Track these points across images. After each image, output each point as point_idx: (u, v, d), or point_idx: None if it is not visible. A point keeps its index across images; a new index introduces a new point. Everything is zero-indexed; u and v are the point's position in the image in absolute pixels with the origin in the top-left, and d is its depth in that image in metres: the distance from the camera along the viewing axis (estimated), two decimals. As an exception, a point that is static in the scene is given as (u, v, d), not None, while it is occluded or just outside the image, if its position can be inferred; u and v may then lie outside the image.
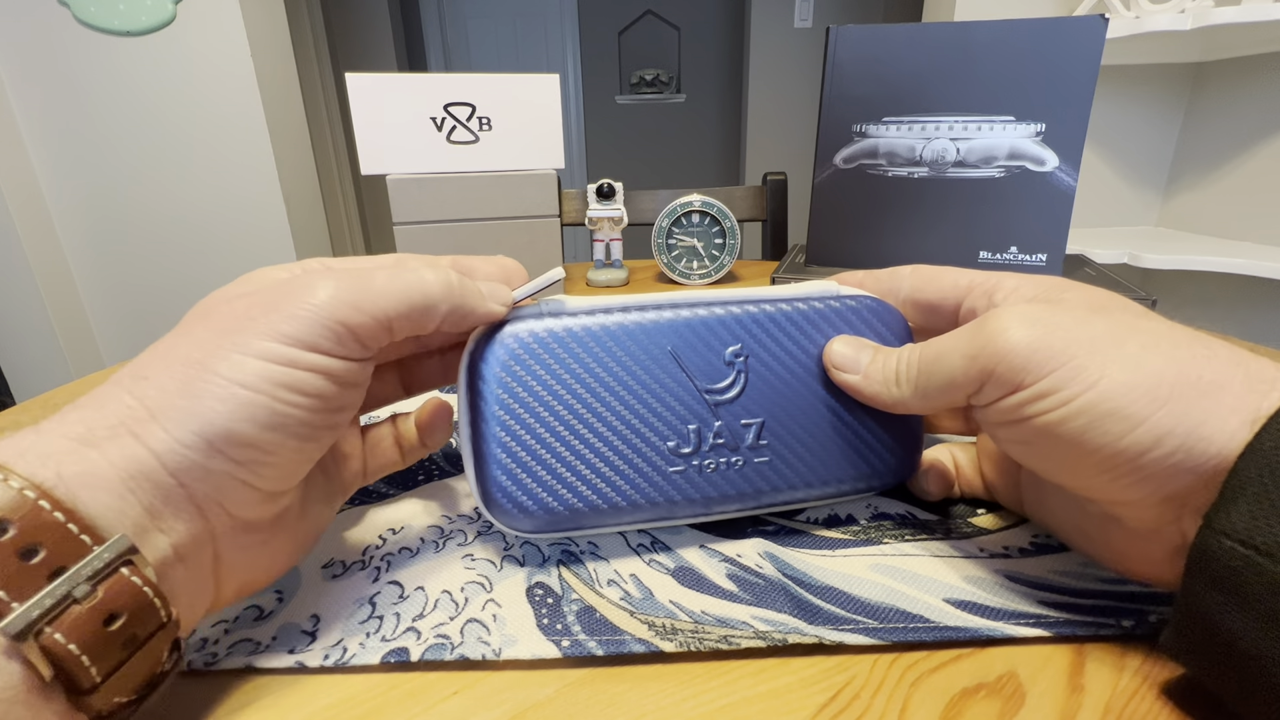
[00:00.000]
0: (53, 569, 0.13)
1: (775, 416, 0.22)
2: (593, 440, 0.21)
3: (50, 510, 0.13)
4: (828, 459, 0.23)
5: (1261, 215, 1.19)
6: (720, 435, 0.22)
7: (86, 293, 1.57)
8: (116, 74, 1.41)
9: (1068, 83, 0.51)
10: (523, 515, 0.20)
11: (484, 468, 0.20)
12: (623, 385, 0.21)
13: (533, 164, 0.57)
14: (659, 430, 0.21)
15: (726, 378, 0.22)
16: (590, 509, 0.21)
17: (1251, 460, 0.14)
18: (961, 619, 0.19)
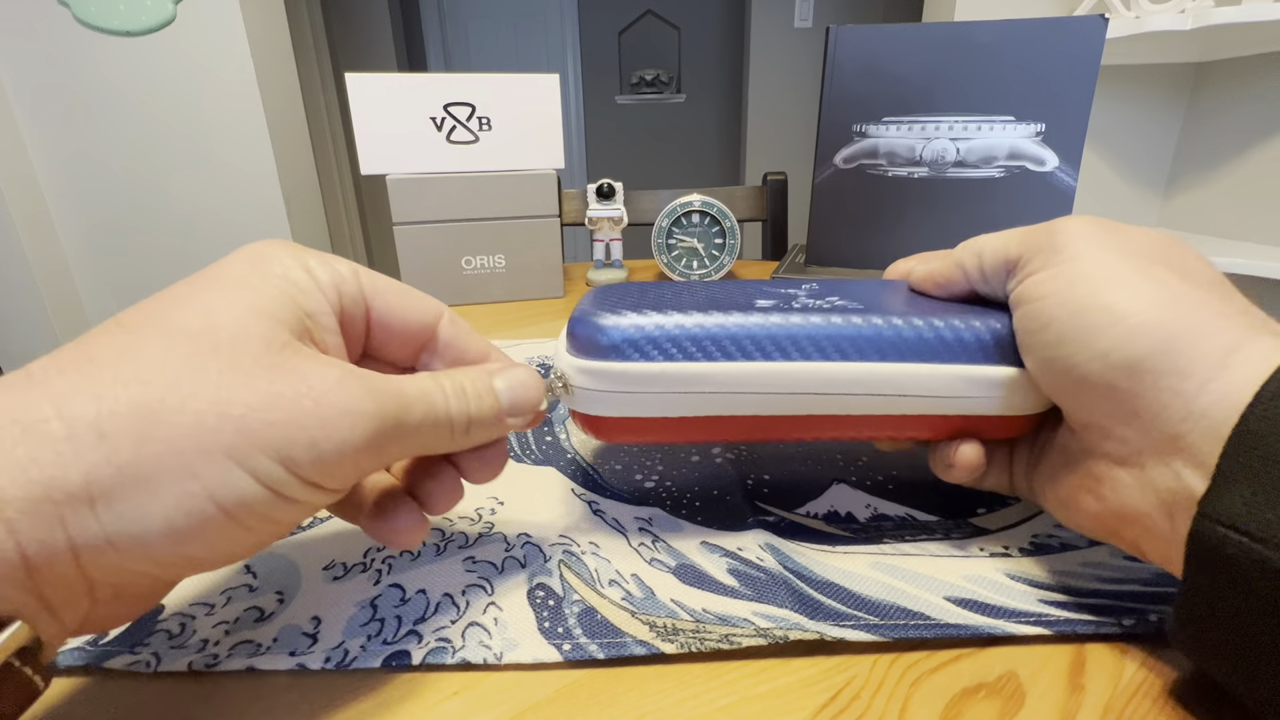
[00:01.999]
0: None
1: (860, 296, 0.23)
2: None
3: None
4: (921, 307, 0.22)
5: (1261, 215, 1.20)
6: (808, 294, 0.22)
7: (86, 293, 1.57)
8: (116, 74, 1.41)
9: (1068, 83, 0.51)
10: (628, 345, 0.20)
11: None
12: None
13: (533, 164, 0.57)
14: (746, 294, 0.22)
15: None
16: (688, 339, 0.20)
17: (1241, 444, 0.14)
18: (962, 617, 0.19)
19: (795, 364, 0.20)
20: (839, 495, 0.26)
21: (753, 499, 0.25)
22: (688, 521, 0.24)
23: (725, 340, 0.20)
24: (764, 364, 0.20)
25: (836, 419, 0.21)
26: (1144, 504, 0.17)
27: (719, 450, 0.29)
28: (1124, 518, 0.18)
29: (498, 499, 0.26)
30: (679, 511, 0.25)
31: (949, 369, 0.20)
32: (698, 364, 0.20)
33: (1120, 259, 0.17)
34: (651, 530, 0.24)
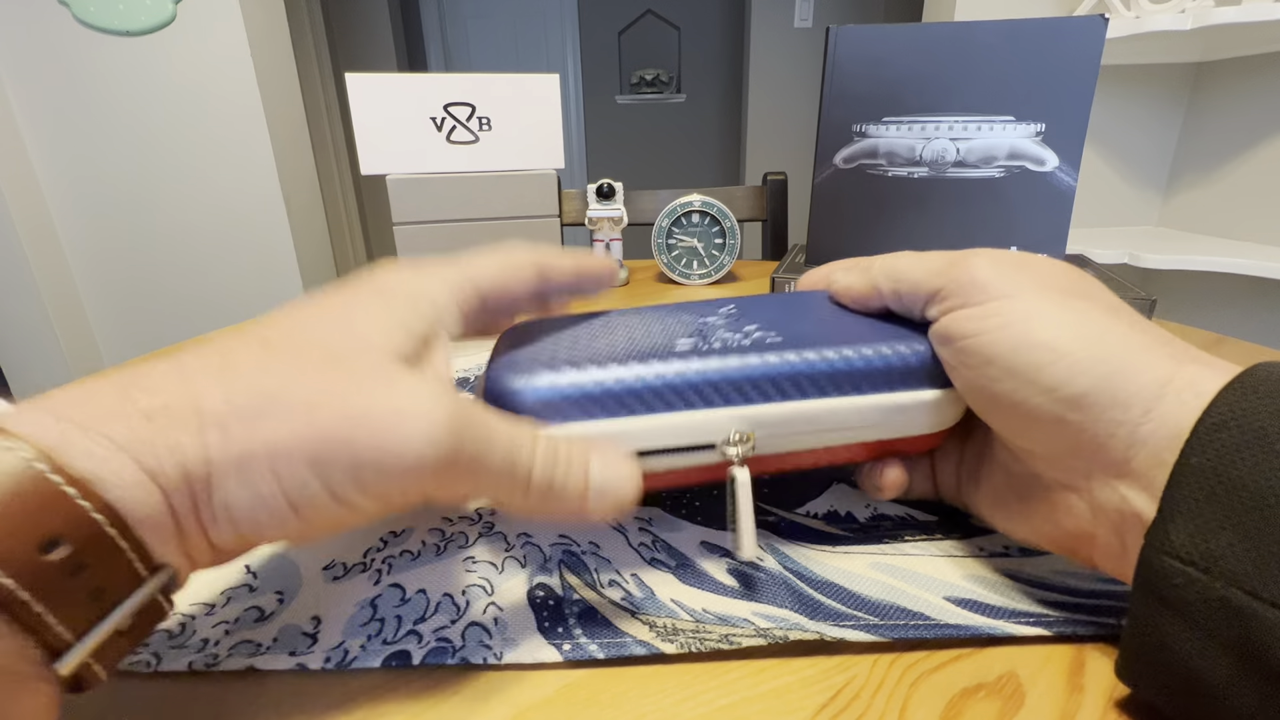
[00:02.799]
0: (94, 589, 0.13)
1: (777, 321, 0.23)
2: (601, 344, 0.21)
3: (108, 531, 0.13)
4: (841, 332, 0.21)
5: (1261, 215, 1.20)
6: (726, 327, 0.22)
7: (86, 293, 1.57)
8: (116, 74, 1.41)
9: (1068, 83, 0.51)
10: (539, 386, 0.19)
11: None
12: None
13: (533, 164, 0.57)
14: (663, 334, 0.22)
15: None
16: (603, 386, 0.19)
17: (1183, 478, 0.14)
18: (962, 617, 0.19)
19: (717, 410, 0.20)
20: (839, 495, 0.26)
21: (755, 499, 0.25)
22: (688, 521, 0.24)
23: (645, 392, 0.19)
24: (686, 413, 0.20)
25: (760, 458, 0.21)
26: (1095, 526, 0.18)
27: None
28: (1077, 537, 0.18)
29: (498, 499, 0.26)
30: (679, 511, 0.25)
31: (871, 399, 0.20)
32: (619, 420, 0.19)
33: (1041, 295, 0.18)
34: (651, 530, 0.24)
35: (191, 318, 1.60)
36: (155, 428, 0.14)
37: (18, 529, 0.12)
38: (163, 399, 0.14)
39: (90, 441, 0.13)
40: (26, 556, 0.12)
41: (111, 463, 0.13)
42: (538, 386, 0.19)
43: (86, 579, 0.12)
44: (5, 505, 0.12)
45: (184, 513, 0.14)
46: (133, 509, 0.13)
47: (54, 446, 0.13)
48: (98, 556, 0.13)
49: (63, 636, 0.12)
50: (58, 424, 0.13)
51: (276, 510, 0.14)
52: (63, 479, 0.12)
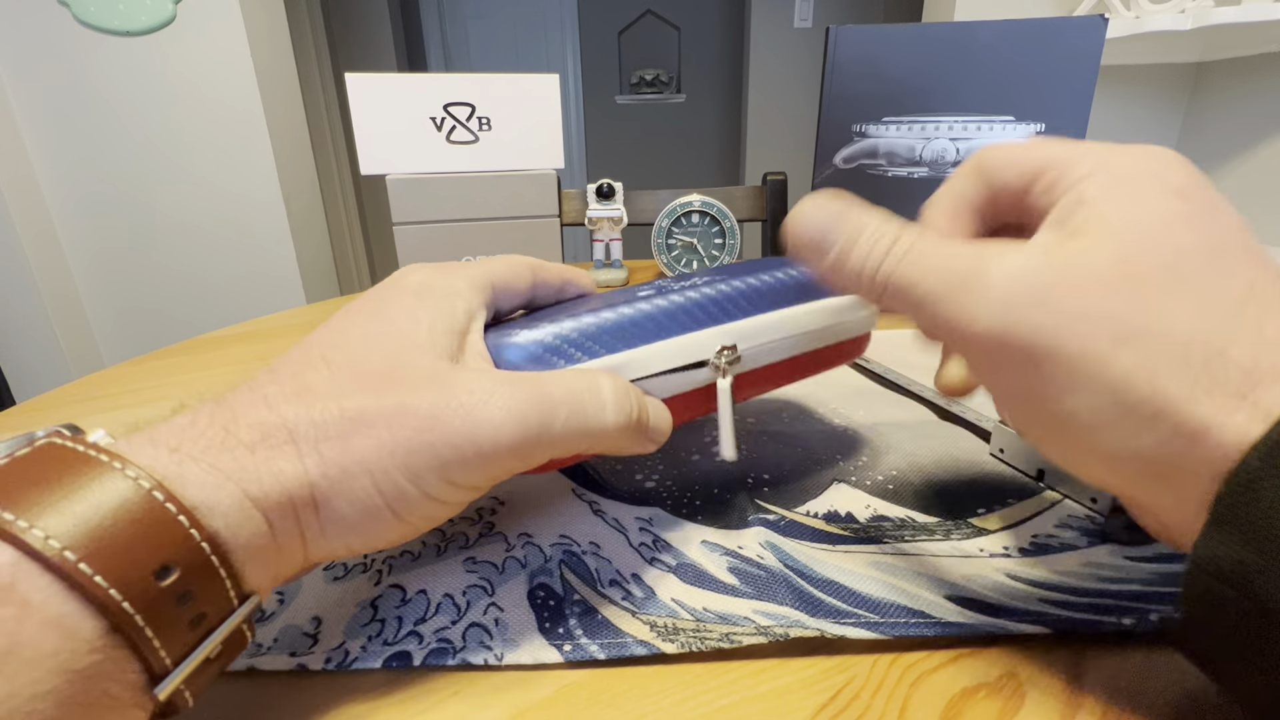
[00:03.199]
0: (196, 616, 0.13)
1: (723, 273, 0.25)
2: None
3: (212, 559, 0.13)
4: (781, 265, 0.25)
5: (1261, 215, 1.20)
6: (677, 280, 0.24)
7: (86, 293, 1.57)
8: (116, 74, 1.41)
9: (1068, 83, 0.51)
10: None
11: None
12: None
13: (533, 164, 0.57)
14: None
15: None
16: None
17: (1229, 488, 0.13)
18: (962, 615, 0.19)
19: (693, 333, 0.22)
20: (839, 495, 0.26)
21: (753, 498, 0.25)
22: (688, 521, 0.24)
23: (619, 329, 0.21)
24: (660, 342, 0.21)
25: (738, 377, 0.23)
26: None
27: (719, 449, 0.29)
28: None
29: (498, 499, 0.26)
30: (679, 511, 0.25)
31: (813, 304, 0.24)
32: (600, 359, 0.20)
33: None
34: (652, 530, 0.24)
35: (191, 318, 1.60)
36: (258, 458, 0.15)
37: (138, 555, 0.12)
38: (259, 431, 0.15)
39: (201, 471, 0.14)
40: (144, 582, 0.12)
41: (220, 492, 0.14)
42: (521, 342, 0.20)
43: (191, 606, 0.13)
44: (128, 531, 0.12)
45: (285, 533, 0.15)
46: (234, 535, 0.14)
47: (168, 476, 0.13)
48: (201, 583, 0.13)
49: (164, 661, 0.13)
50: (172, 455, 0.14)
51: (381, 517, 0.16)
52: (176, 508, 0.13)
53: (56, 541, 0.11)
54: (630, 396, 0.19)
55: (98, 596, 0.11)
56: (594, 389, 0.18)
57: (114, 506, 0.12)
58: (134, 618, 0.12)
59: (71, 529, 0.12)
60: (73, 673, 0.11)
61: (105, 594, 0.11)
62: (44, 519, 0.12)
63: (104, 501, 0.12)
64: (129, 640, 0.12)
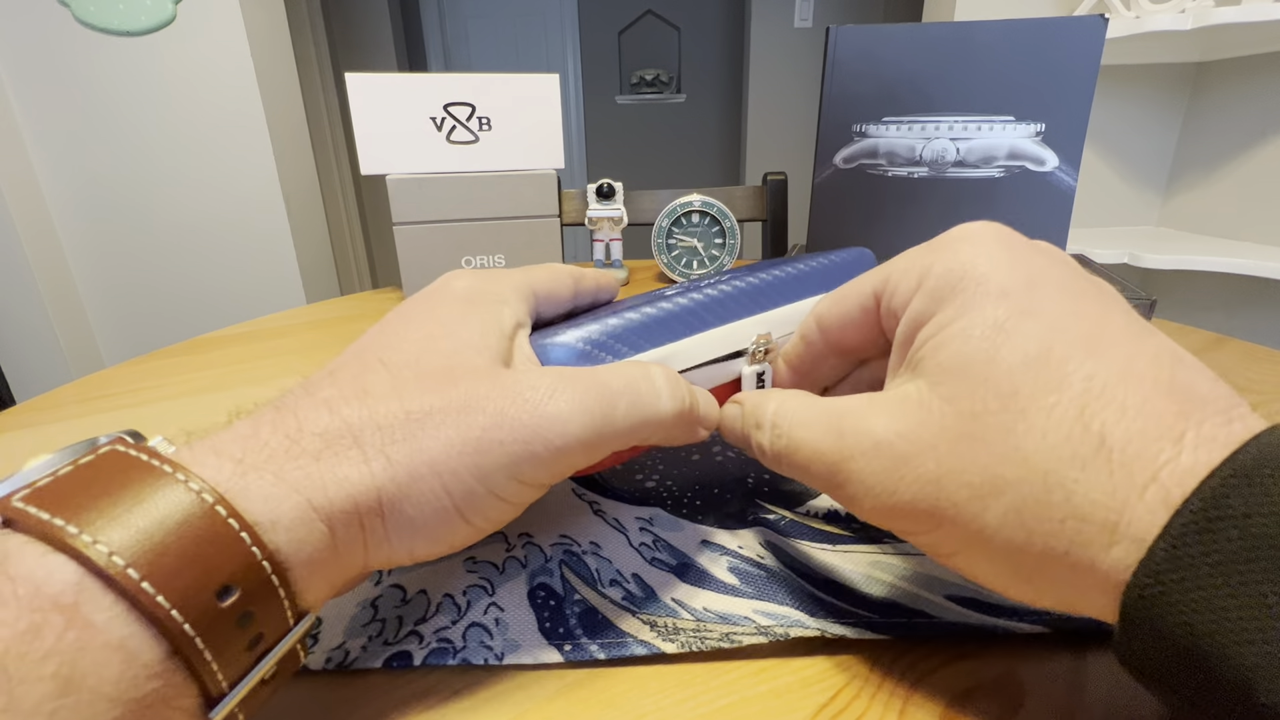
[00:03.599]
0: (254, 637, 0.13)
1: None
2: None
3: (272, 578, 0.13)
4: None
5: (1261, 215, 1.20)
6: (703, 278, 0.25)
7: (86, 293, 1.57)
8: (116, 74, 1.41)
9: (1068, 83, 0.51)
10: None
11: None
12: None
13: (533, 164, 0.57)
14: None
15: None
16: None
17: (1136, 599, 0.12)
18: (963, 615, 0.19)
19: (723, 326, 0.22)
20: (839, 495, 0.26)
21: (753, 497, 0.25)
22: (688, 521, 0.24)
23: (660, 324, 0.21)
24: (701, 334, 0.22)
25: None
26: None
27: (719, 449, 0.29)
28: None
29: (498, 499, 0.26)
30: (680, 511, 0.25)
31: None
32: (645, 353, 0.20)
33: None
34: (652, 530, 0.24)
35: (192, 318, 1.60)
36: (323, 466, 0.14)
37: (200, 574, 0.12)
38: (324, 438, 0.15)
39: (266, 484, 0.13)
40: (206, 603, 0.12)
41: (284, 504, 0.13)
42: (575, 340, 0.20)
43: (250, 627, 0.12)
44: (191, 549, 0.12)
45: (347, 541, 0.15)
46: (296, 551, 0.13)
47: (231, 489, 0.13)
48: (261, 603, 0.13)
49: (221, 685, 0.12)
50: (236, 467, 0.13)
51: (449, 520, 0.15)
52: (239, 524, 0.12)
53: (120, 558, 0.11)
54: (682, 385, 0.19)
55: (160, 618, 0.11)
56: (648, 378, 0.18)
57: (177, 522, 0.12)
58: (194, 640, 0.11)
59: (134, 544, 0.11)
60: (133, 701, 0.11)
61: (168, 615, 0.11)
62: (106, 532, 0.11)
63: (167, 516, 0.12)
64: (188, 663, 0.11)
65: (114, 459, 0.12)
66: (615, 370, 0.18)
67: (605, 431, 0.17)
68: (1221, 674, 0.11)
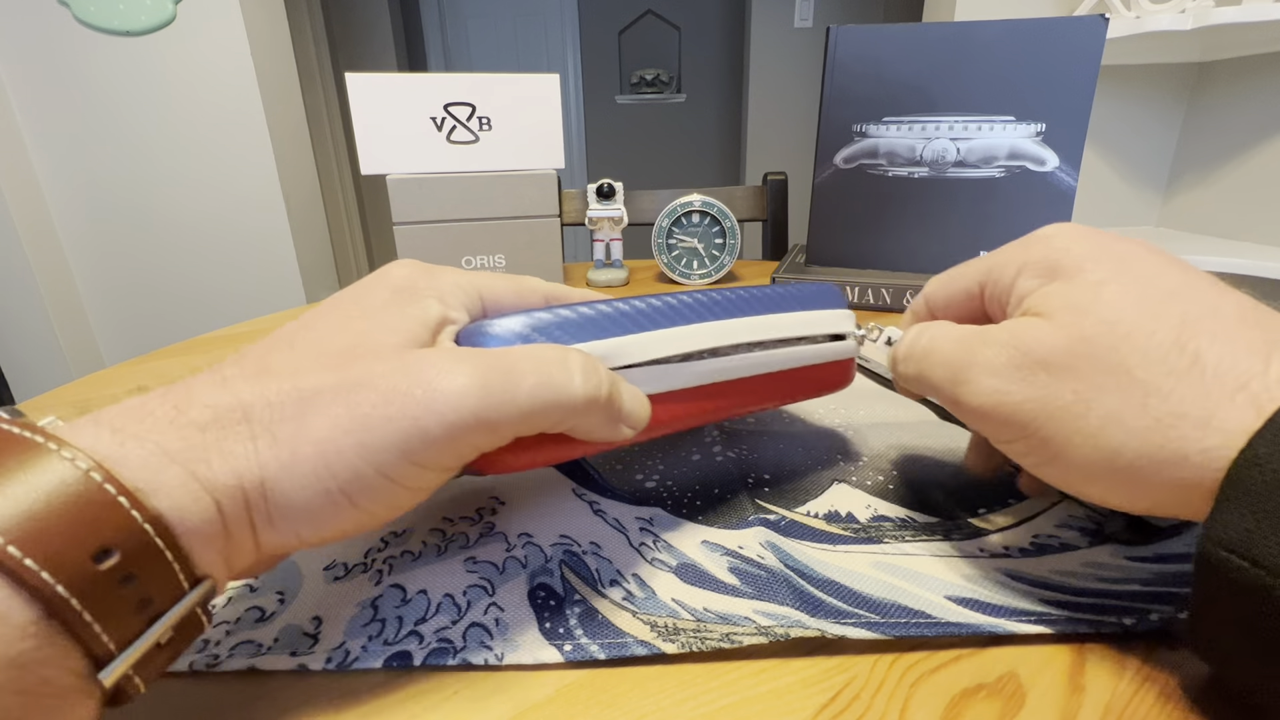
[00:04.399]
0: (142, 600, 0.13)
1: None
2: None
3: (156, 541, 0.13)
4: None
5: (1261, 215, 1.20)
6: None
7: (86, 293, 1.57)
8: (116, 74, 1.41)
9: (1068, 83, 0.51)
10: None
11: None
12: None
13: (533, 164, 0.57)
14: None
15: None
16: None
17: (1243, 472, 0.14)
18: (963, 615, 0.19)
19: (668, 330, 0.21)
20: (839, 495, 0.26)
21: (753, 498, 0.25)
22: (688, 520, 0.24)
23: (600, 320, 0.20)
24: (641, 334, 0.21)
25: (721, 390, 0.23)
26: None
27: (719, 449, 0.29)
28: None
29: (498, 499, 0.26)
30: (680, 511, 0.25)
31: (799, 315, 0.25)
32: (580, 344, 0.19)
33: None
34: (652, 530, 0.24)
35: (191, 318, 1.60)
36: (208, 438, 0.14)
37: (74, 538, 0.12)
38: (212, 411, 0.14)
39: (146, 452, 0.13)
40: (81, 565, 0.12)
41: (165, 473, 0.13)
42: (509, 325, 0.19)
43: (134, 590, 0.12)
44: (63, 514, 0.12)
45: (235, 519, 0.14)
46: (181, 519, 0.13)
47: (109, 457, 0.13)
48: (145, 567, 0.13)
49: (108, 647, 0.12)
50: (114, 436, 0.13)
51: (334, 502, 0.15)
52: (115, 489, 0.12)
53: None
54: (601, 373, 0.18)
55: (29, 581, 0.11)
56: (562, 361, 0.17)
57: (49, 489, 0.12)
58: (70, 602, 0.11)
59: (3, 512, 0.11)
60: (5, 659, 0.11)
61: (37, 578, 0.11)
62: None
63: (39, 484, 0.12)
64: (67, 626, 0.12)
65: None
66: (528, 350, 0.17)
67: (506, 410, 0.16)
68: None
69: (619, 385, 0.19)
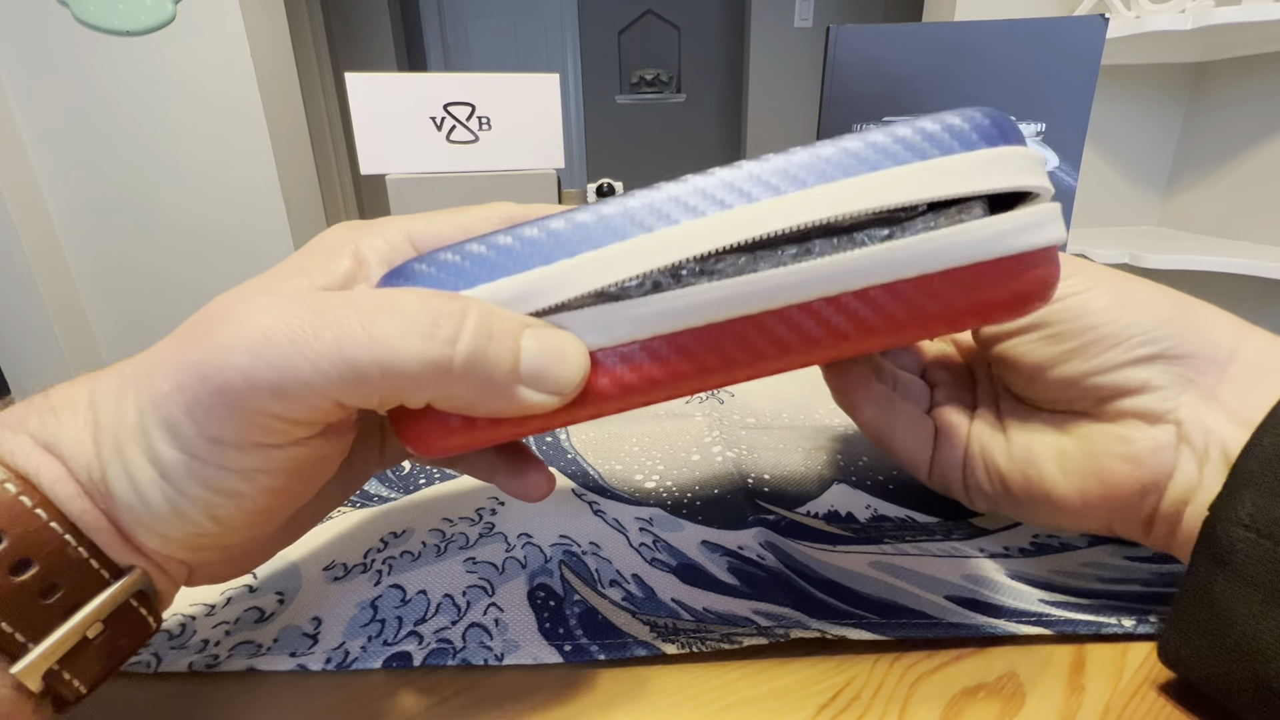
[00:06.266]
0: (43, 588, 0.12)
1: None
2: None
3: (52, 525, 0.12)
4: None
5: (1261, 215, 1.19)
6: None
7: (86, 293, 1.57)
8: (116, 74, 1.41)
9: (1068, 83, 0.51)
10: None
11: None
12: None
13: (533, 164, 0.57)
14: None
15: None
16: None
17: (1253, 456, 0.15)
18: (963, 616, 0.19)
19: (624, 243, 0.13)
20: (839, 495, 0.26)
21: (753, 498, 0.25)
22: (688, 521, 0.24)
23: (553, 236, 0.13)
24: (582, 255, 0.13)
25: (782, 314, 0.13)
26: (1154, 474, 0.17)
27: (719, 449, 0.29)
28: (1125, 497, 0.18)
29: (498, 499, 0.26)
30: (679, 511, 0.25)
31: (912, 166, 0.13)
32: (489, 284, 0.14)
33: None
34: (652, 530, 0.24)
35: (191, 318, 1.60)
36: (60, 421, 0.13)
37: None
38: (70, 393, 0.14)
39: (17, 439, 0.13)
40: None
41: (34, 458, 0.13)
42: (405, 267, 0.14)
43: (32, 579, 0.12)
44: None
45: (111, 510, 0.13)
46: (66, 504, 0.12)
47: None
48: (43, 553, 0.12)
49: (15, 639, 0.12)
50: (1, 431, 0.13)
51: (147, 493, 0.13)
52: (10, 475, 0.12)
53: None
54: (454, 319, 0.13)
55: None
56: (398, 309, 0.13)
57: None
58: None
59: None
60: None
61: None
62: None
63: None
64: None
65: None
66: (351, 295, 0.13)
67: (294, 367, 0.12)
68: None
69: (505, 340, 0.13)
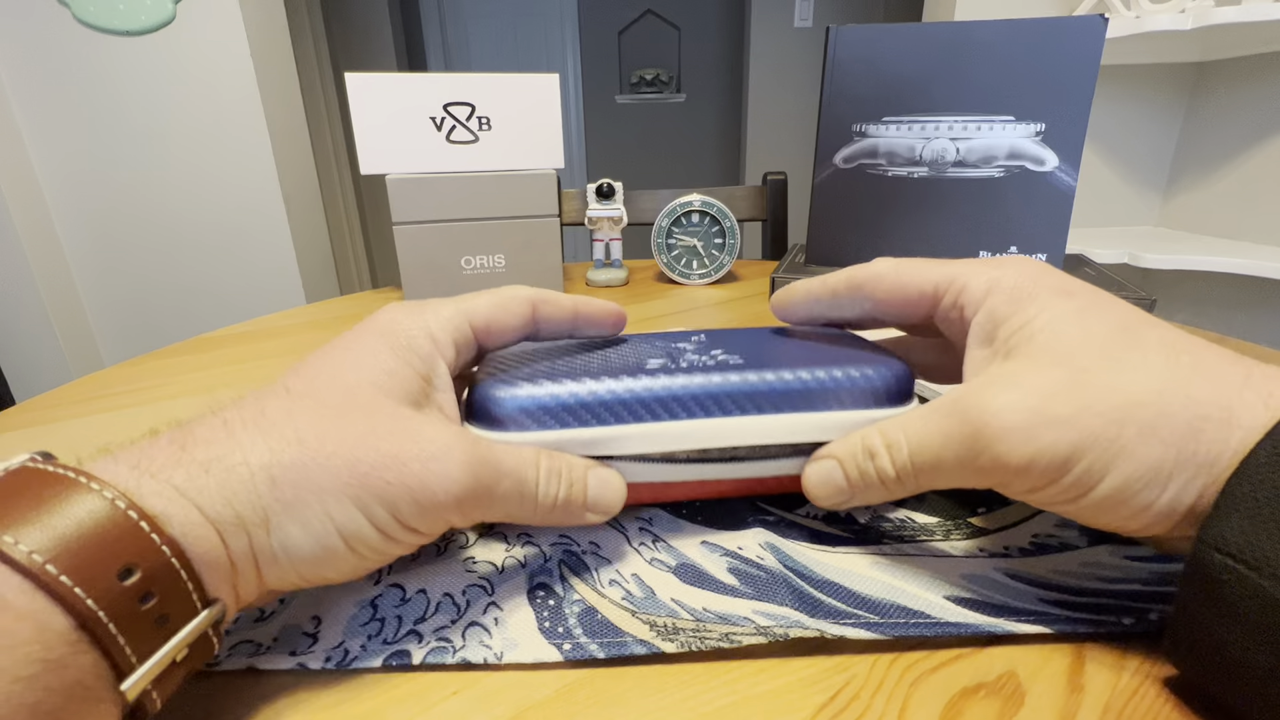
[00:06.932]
0: (160, 616, 0.14)
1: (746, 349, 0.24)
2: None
3: (172, 562, 0.14)
4: (809, 360, 0.22)
5: (1261, 215, 1.20)
6: (695, 351, 0.23)
7: (86, 293, 1.57)
8: (116, 74, 1.41)
9: (1068, 83, 0.51)
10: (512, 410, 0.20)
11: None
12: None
13: (532, 164, 0.57)
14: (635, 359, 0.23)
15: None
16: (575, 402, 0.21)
17: (1244, 477, 0.15)
18: (963, 615, 0.19)
19: (683, 421, 0.21)
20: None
21: (752, 499, 0.25)
22: (688, 521, 0.24)
23: (616, 404, 0.21)
24: (655, 424, 0.21)
25: (735, 482, 0.23)
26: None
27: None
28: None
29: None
30: (679, 511, 0.25)
31: (835, 415, 0.21)
32: (592, 429, 0.20)
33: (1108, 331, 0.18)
34: (651, 530, 0.24)
35: (191, 318, 1.60)
36: (212, 478, 0.16)
37: (102, 558, 0.13)
38: (215, 451, 0.16)
39: (159, 485, 0.15)
40: (108, 582, 0.13)
41: (173, 505, 0.15)
42: (518, 396, 0.20)
43: (153, 607, 0.14)
44: (92, 536, 0.13)
45: (239, 553, 0.16)
46: (191, 545, 0.15)
47: (130, 489, 0.14)
48: (163, 585, 0.14)
49: (130, 659, 0.13)
50: (131, 471, 0.15)
51: (333, 547, 0.16)
52: (138, 515, 0.14)
53: (25, 546, 0.13)
54: (558, 480, 0.20)
55: (62, 594, 0.13)
56: (535, 467, 0.19)
57: (81, 516, 0.13)
58: (98, 614, 0.13)
59: (42, 537, 0.13)
60: (48, 660, 0.12)
61: (70, 591, 0.13)
62: (18, 530, 0.13)
63: (72, 512, 0.13)
64: (96, 636, 0.13)
65: (25, 474, 0.14)
66: (513, 450, 0.19)
67: (482, 501, 0.18)
68: None
69: (579, 485, 0.20)
